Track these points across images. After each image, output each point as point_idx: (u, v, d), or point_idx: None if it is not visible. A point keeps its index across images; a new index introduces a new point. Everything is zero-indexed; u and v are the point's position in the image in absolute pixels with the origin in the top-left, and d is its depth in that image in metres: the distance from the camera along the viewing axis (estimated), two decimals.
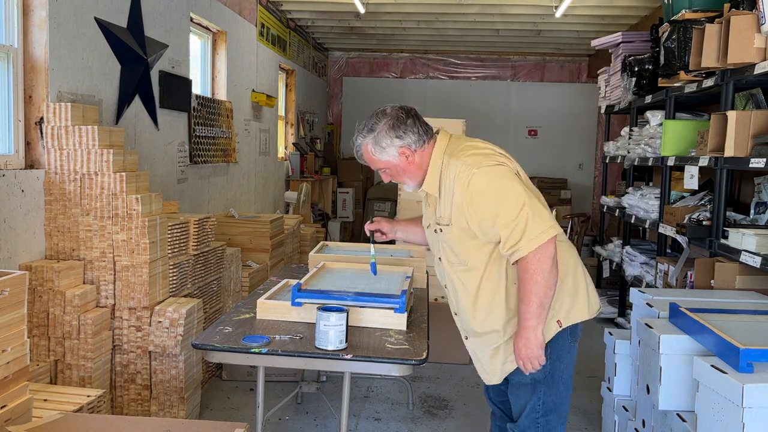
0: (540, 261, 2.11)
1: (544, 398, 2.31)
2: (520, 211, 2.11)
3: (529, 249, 2.11)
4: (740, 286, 3.32)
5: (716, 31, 3.56)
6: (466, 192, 2.18)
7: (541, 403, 2.31)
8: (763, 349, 2.11)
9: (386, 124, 2.27)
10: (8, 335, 2.00)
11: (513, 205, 2.13)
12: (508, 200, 2.14)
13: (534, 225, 2.11)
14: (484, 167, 2.18)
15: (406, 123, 2.28)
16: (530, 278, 2.12)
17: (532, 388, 2.30)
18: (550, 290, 2.15)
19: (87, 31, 3.68)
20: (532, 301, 2.13)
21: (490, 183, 2.17)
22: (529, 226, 2.11)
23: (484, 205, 2.16)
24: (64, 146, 3.31)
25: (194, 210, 5.32)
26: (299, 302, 2.70)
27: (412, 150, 2.29)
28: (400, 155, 2.29)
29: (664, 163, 4.50)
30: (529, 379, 2.29)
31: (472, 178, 2.17)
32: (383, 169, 2.37)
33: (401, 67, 10.91)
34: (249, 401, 3.91)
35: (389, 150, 2.29)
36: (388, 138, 2.27)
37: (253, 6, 6.82)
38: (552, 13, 7.37)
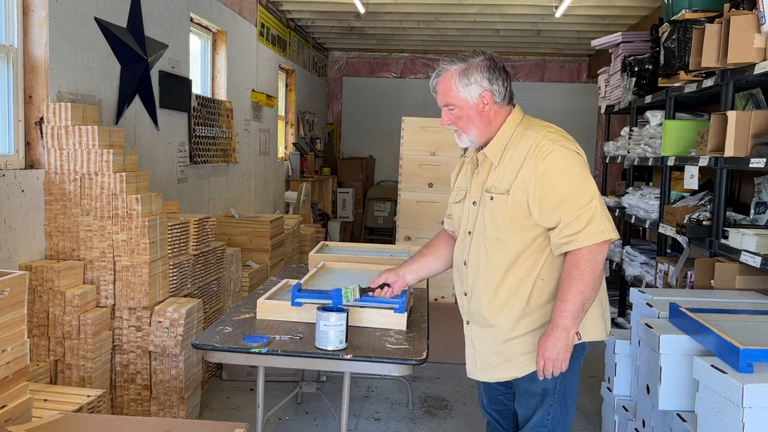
0: (594, 259, 2.01)
1: (553, 412, 2.21)
2: (590, 201, 2.02)
3: (587, 242, 2.00)
4: (740, 286, 3.32)
5: (716, 31, 3.56)
6: (540, 165, 2.06)
7: (549, 417, 2.22)
8: (763, 349, 2.11)
9: (483, 62, 2.17)
10: (8, 335, 2.00)
11: (585, 193, 2.03)
12: (581, 187, 2.04)
13: (600, 220, 2.01)
14: (566, 148, 2.08)
15: (501, 73, 2.18)
16: (580, 274, 2.00)
17: (541, 399, 2.21)
18: (594, 293, 2.04)
19: (87, 31, 3.68)
20: (575, 299, 2.01)
21: (569, 164, 2.06)
22: (595, 219, 2.01)
23: (555, 184, 2.04)
24: (64, 146, 3.31)
25: (194, 210, 5.32)
26: (299, 302, 2.70)
27: (493, 100, 2.17)
28: (479, 98, 2.16)
29: (664, 163, 4.50)
30: (540, 389, 2.19)
31: (551, 153, 2.06)
32: (453, 107, 2.19)
33: (401, 67, 10.91)
34: (249, 401, 3.91)
35: (473, 87, 2.16)
36: (478, 75, 2.15)
37: (253, 6, 6.82)
38: (552, 13, 7.37)
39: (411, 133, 4.83)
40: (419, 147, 4.82)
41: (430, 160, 4.82)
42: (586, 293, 2.01)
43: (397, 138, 5.01)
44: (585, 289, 2.01)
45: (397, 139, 4.92)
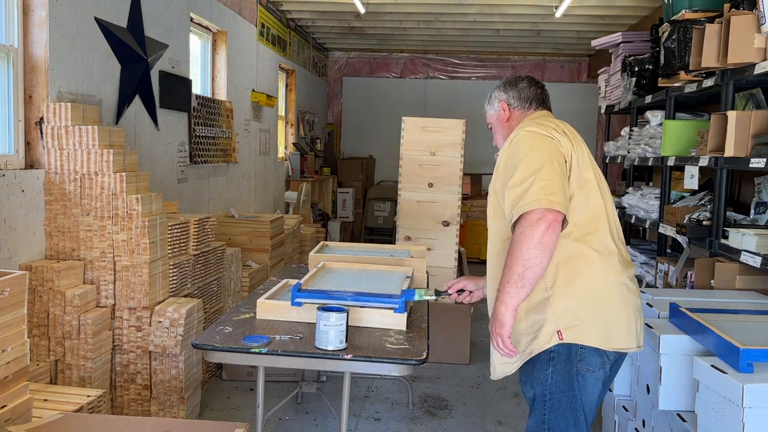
0: (523, 233, 1.99)
1: (548, 422, 2.14)
2: (528, 177, 2.02)
3: (520, 212, 2.00)
4: (740, 286, 3.32)
5: (716, 31, 3.56)
6: (506, 151, 2.18)
7: (545, 427, 2.15)
8: (763, 349, 2.11)
9: (500, 83, 2.48)
10: (8, 335, 2.01)
11: (530, 167, 2.04)
12: (528, 162, 2.05)
13: (533, 192, 2.00)
14: (526, 130, 2.16)
15: (517, 85, 2.41)
16: (520, 242, 1.99)
17: (532, 405, 2.18)
18: (534, 267, 1.99)
19: (87, 31, 3.68)
20: (515, 267, 2.01)
21: (523, 144, 2.12)
22: (531, 190, 2.00)
23: (510, 164, 2.11)
24: (64, 146, 3.31)
25: (194, 210, 5.32)
26: (299, 302, 2.70)
27: (510, 107, 2.39)
28: (500, 109, 2.41)
29: (664, 163, 4.50)
30: (530, 395, 2.18)
31: (513, 139, 2.17)
32: (490, 126, 2.49)
33: (401, 67, 10.91)
34: (249, 401, 3.91)
35: (494, 103, 2.44)
36: (496, 92, 2.45)
37: (253, 6, 6.82)
38: (552, 13, 7.37)
39: (411, 133, 4.83)
40: (419, 147, 4.82)
41: (430, 160, 4.82)
42: (524, 259, 1.99)
43: (397, 138, 5.01)
44: (512, 263, 2.01)
45: (397, 139, 4.92)
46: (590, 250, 2.11)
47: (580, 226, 2.12)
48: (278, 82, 8.10)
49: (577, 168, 2.14)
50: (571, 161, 2.13)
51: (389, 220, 9.90)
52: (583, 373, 2.11)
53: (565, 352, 2.09)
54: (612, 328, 2.11)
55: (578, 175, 2.13)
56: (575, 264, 2.10)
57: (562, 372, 2.10)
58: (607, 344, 2.10)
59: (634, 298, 2.19)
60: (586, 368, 2.11)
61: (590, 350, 2.10)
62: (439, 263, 4.63)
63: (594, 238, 2.13)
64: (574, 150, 2.15)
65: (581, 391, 2.13)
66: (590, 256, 2.11)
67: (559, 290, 2.10)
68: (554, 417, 2.14)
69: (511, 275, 2.02)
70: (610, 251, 2.14)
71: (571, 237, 2.11)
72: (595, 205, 2.14)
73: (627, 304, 2.15)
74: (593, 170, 2.18)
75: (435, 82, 10.81)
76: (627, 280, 2.17)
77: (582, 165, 2.15)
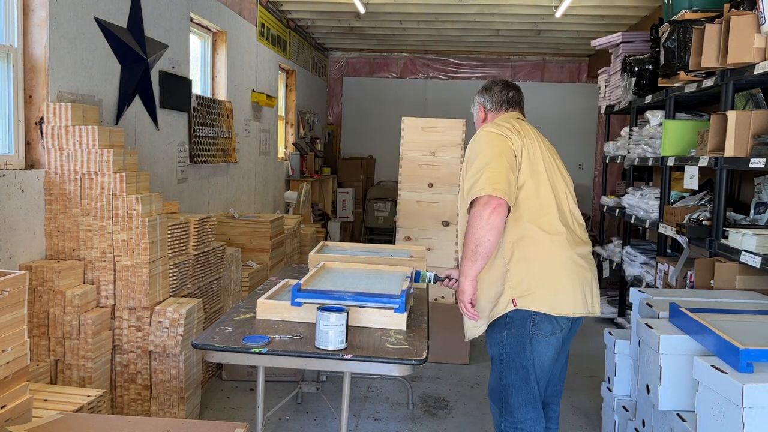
0: (474, 216, 2.40)
1: (504, 379, 2.54)
2: (480, 169, 2.42)
3: (471, 197, 2.41)
4: (740, 286, 3.32)
5: (716, 31, 3.56)
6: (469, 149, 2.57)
7: (503, 383, 2.55)
8: (763, 349, 2.11)
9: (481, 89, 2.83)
10: (8, 335, 2.01)
11: (480, 161, 2.44)
12: (479, 156, 2.46)
13: (483, 181, 2.39)
14: (486, 131, 2.55)
15: (491, 90, 2.79)
16: (471, 224, 2.41)
17: (492, 363, 2.60)
18: (483, 243, 2.40)
19: (87, 31, 3.69)
20: (469, 245, 2.43)
21: (479, 141, 2.52)
22: (480, 180, 2.39)
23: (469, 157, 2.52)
24: (64, 146, 3.31)
25: (194, 210, 5.32)
26: (299, 302, 2.70)
27: (485, 109, 2.79)
28: (478, 110, 2.82)
29: (664, 163, 4.50)
30: (491, 353, 2.59)
31: (474, 137, 2.57)
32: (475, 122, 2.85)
33: (401, 67, 10.91)
34: (249, 401, 3.91)
35: (474, 105, 2.85)
36: (477, 96, 2.83)
37: (253, 6, 6.82)
38: (552, 13, 7.37)
39: (411, 133, 4.83)
40: (419, 147, 4.82)
41: (430, 160, 4.82)
42: (473, 239, 2.41)
43: (397, 138, 5.01)
44: (467, 241, 2.43)
45: (397, 139, 4.92)
46: (540, 230, 2.48)
47: (532, 210, 2.49)
48: (278, 82, 8.10)
49: (528, 161, 2.50)
50: (521, 156, 2.50)
51: (389, 220, 9.90)
52: (536, 337, 2.49)
53: (519, 318, 2.49)
54: (559, 297, 2.47)
55: (530, 167, 2.50)
56: (527, 242, 2.48)
57: (516, 335, 2.50)
58: (554, 310, 2.47)
59: (582, 271, 2.54)
60: (539, 333, 2.49)
61: (541, 316, 2.47)
62: (439, 263, 4.63)
63: (544, 220, 2.49)
64: (525, 146, 2.51)
65: (533, 353, 2.51)
66: (540, 236, 2.48)
67: (514, 265, 2.48)
68: (509, 374, 2.53)
69: (466, 251, 2.45)
70: (558, 231, 2.50)
71: (524, 219, 2.48)
72: (544, 192, 2.51)
73: (573, 276, 2.50)
74: (545, 163, 2.55)
75: (435, 82, 10.81)
76: (575, 255, 2.52)
77: (534, 159, 2.52)
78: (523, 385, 2.52)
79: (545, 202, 2.51)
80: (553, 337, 2.51)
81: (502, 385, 2.55)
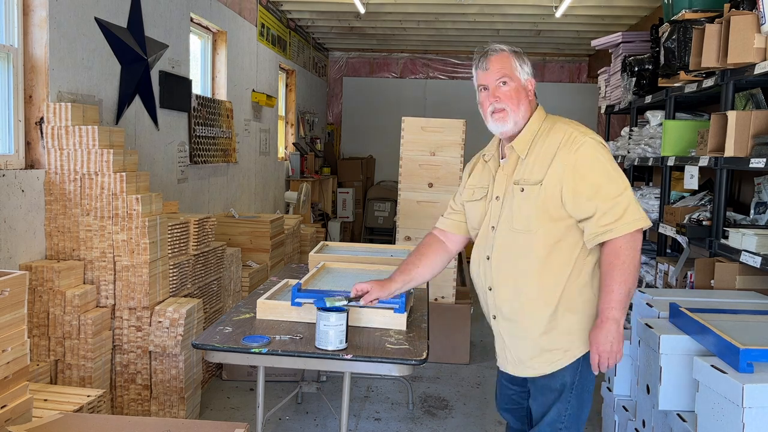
0: (633, 248, 2.05)
1: (570, 408, 2.21)
2: (624, 191, 2.08)
3: (625, 230, 2.04)
4: (740, 286, 3.32)
5: (716, 31, 3.56)
6: (571, 156, 2.11)
7: (567, 414, 2.21)
8: (763, 349, 2.11)
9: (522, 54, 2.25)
10: (8, 335, 2.01)
11: (619, 183, 2.09)
12: (615, 177, 2.09)
13: (635, 209, 2.07)
14: (595, 140, 2.15)
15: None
16: (622, 263, 2.04)
17: (559, 394, 2.20)
18: (636, 281, 2.08)
19: (87, 31, 3.68)
20: (620, 289, 2.04)
21: (601, 154, 2.12)
22: (631, 207, 2.06)
23: (589, 174, 2.09)
24: (65, 146, 3.31)
25: (194, 210, 5.32)
26: (299, 302, 2.70)
27: (534, 89, 2.26)
28: (528, 81, 2.23)
29: (664, 163, 4.50)
30: (559, 385, 2.20)
31: (583, 144, 2.12)
32: (507, 80, 2.19)
33: (401, 67, 10.91)
34: (249, 401, 3.91)
35: (525, 69, 2.22)
36: (527, 62, 2.24)
37: (253, 6, 6.82)
38: (552, 13, 7.37)
39: (411, 133, 4.83)
40: (419, 147, 4.82)
41: (430, 160, 4.82)
42: (629, 282, 2.05)
43: (397, 138, 5.01)
44: (628, 278, 2.05)
45: (397, 139, 4.92)
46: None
47: None
48: (278, 82, 8.10)
49: None
50: None
51: (389, 220, 9.90)
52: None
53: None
54: None
55: None
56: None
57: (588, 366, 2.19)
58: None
59: None
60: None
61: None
62: None
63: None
64: None
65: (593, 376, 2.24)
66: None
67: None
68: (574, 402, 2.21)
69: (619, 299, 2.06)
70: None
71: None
72: None
73: None
74: None
75: (435, 82, 10.81)
76: None
77: None
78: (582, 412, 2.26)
79: None
80: None
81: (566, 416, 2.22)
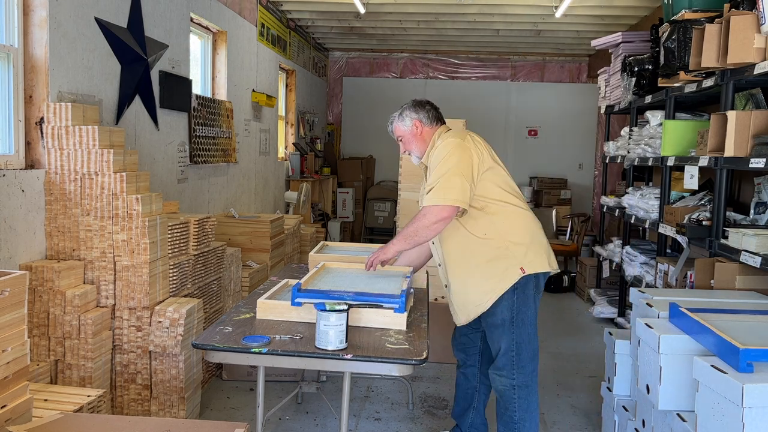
0: (426, 215, 2.78)
1: (516, 338, 2.88)
2: (442, 175, 2.78)
3: (427, 203, 2.79)
4: (740, 286, 3.32)
5: (716, 31, 3.57)
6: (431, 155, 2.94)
7: (514, 343, 2.88)
8: (763, 349, 2.11)
9: (410, 104, 3.12)
10: (8, 335, 2.01)
11: (443, 168, 2.80)
12: (443, 164, 2.80)
13: (442, 190, 2.76)
14: (448, 139, 2.91)
15: (424, 107, 3.10)
16: (414, 220, 2.83)
17: (503, 328, 2.88)
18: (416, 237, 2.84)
19: (87, 31, 3.69)
20: (403, 234, 2.87)
21: (443, 149, 2.86)
22: (438, 188, 2.77)
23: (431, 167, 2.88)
24: (65, 146, 3.31)
25: (194, 210, 5.32)
26: (299, 302, 2.70)
27: (422, 124, 3.06)
28: (413, 126, 3.06)
29: (664, 163, 4.50)
30: (500, 320, 2.88)
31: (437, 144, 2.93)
32: (400, 138, 3.11)
33: (401, 67, 10.91)
34: (249, 401, 3.91)
35: (406, 121, 3.08)
36: (409, 111, 3.09)
37: (253, 6, 6.82)
38: (552, 13, 7.37)
39: None
40: None
41: None
42: (409, 233, 2.84)
43: None
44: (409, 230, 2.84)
45: None
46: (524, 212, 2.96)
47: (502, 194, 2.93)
48: (278, 82, 8.10)
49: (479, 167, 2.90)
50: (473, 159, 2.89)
51: (389, 220, 9.90)
52: (536, 296, 2.93)
53: (524, 282, 2.87)
54: (551, 257, 2.97)
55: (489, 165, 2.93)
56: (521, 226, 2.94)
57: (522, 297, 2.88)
58: (551, 267, 2.95)
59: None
60: (537, 291, 2.94)
61: (541, 276, 2.93)
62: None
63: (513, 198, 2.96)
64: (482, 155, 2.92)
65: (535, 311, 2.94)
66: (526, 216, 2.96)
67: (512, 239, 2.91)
68: (521, 333, 2.89)
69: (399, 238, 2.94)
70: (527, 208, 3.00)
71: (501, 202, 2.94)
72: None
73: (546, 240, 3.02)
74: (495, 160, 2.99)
75: (435, 82, 10.82)
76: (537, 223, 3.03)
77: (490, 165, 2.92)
78: (531, 340, 2.91)
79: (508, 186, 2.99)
80: (540, 294, 2.96)
81: (515, 344, 2.88)
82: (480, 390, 3.24)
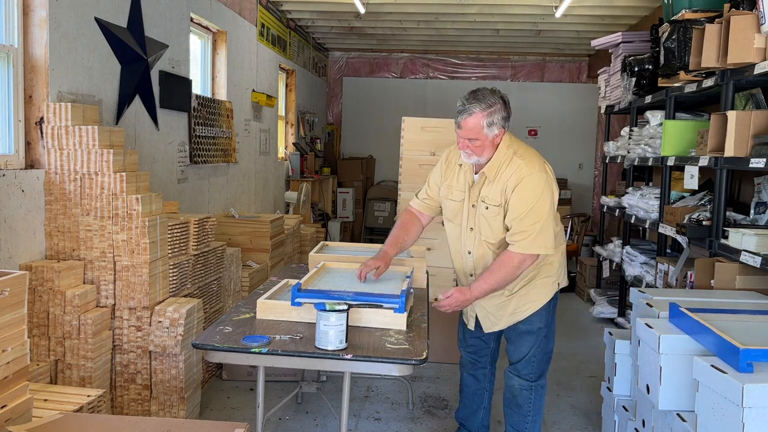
0: (517, 264, 2.73)
1: (542, 344, 2.97)
2: (535, 222, 2.69)
3: (520, 250, 2.72)
4: (740, 286, 3.32)
5: (716, 31, 3.56)
6: (515, 187, 2.72)
7: (540, 349, 2.97)
8: (763, 349, 2.11)
9: (501, 104, 2.71)
10: (8, 335, 2.01)
11: (535, 215, 2.70)
12: (535, 210, 2.70)
13: (537, 239, 2.70)
14: (536, 174, 2.72)
15: (509, 109, 2.76)
16: (503, 268, 2.73)
17: (534, 336, 2.95)
18: (501, 286, 2.79)
19: (87, 31, 3.69)
20: (490, 284, 2.76)
21: (535, 190, 2.71)
22: (533, 237, 2.69)
23: (520, 202, 2.72)
24: (65, 146, 3.31)
25: (194, 210, 5.32)
26: (299, 302, 2.70)
27: (503, 133, 2.77)
28: (497, 135, 2.74)
29: (664, 163, 4.50)
30: (536, 328, 2.94)
31: (525, 178, 2.71)
32: (475, 140, 2.72)
33: (401, 67, 10.91)
34: (249, 401, 3.91)
35: (494, 128, 2.72)
36: (500, 116, 2.71)
37: (253, 6, 6.82)
38: (552, 13, 7.37)
39: (411, 133, 4.83)
40: (419, 147, 4.82)
41: (430, 160, 4.81)
42: (497, 283, 2.76)
43: (397, 138, 5.00)
44: (499, 281, 2.75)
45: (397, 139, 4.92)
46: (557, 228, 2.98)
47: None
48: (278, 82, 8.10)
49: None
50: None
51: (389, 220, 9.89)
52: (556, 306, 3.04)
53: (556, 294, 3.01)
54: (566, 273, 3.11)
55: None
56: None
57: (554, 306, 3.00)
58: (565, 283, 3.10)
59: None
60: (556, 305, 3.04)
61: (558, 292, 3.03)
62: (439, 263, 4.63)
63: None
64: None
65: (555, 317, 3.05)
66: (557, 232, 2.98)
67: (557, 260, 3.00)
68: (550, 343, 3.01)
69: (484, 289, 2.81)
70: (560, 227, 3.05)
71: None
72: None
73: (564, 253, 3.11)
74: None
75: (435, 82, 10.82)
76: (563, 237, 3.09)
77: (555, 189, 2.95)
78: (551, 344, 3.03)
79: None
80: None
81: (540, 350, 2.97)
82: (489, 390, 3.29)
